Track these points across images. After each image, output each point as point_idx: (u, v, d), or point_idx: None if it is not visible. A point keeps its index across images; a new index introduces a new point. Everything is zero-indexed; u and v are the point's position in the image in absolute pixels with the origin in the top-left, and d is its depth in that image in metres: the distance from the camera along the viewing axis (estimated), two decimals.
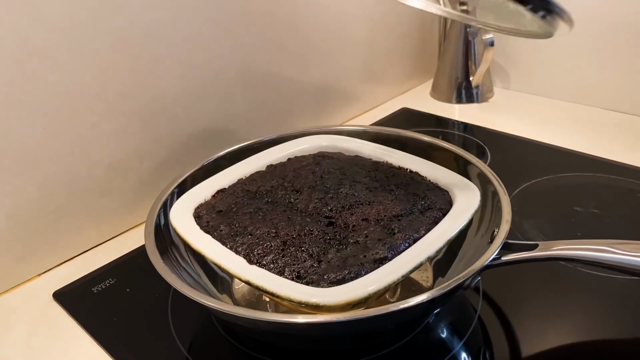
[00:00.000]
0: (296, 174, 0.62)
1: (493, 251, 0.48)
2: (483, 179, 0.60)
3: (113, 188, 0.71)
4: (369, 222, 0.53)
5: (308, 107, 0.93)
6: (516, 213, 0.70)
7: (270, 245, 0.51)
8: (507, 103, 1.05)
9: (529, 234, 0.67)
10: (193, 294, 0.46)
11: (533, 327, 0.55)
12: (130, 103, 0.69)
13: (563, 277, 0.60)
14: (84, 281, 0.65)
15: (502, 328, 0.55)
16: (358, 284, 0.46)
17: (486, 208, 0.58)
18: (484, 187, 0.60)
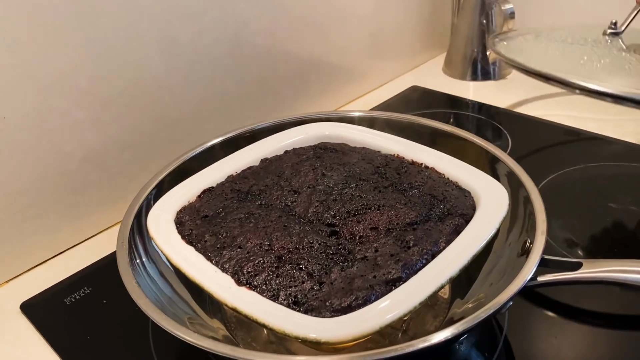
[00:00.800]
0: (294, 170, 0.54)
1: (529, 271, 0.41)
2: (511, 177, 0.52)
3: (89, 182, 0.63)
4: (379, 231, 0.45)
5: (308, 88, 0.84)
6: None
7: (262, 261, 0.43)
8: (527, 80, 0.95)
9: (559, 237, 0.59)
10: (168, 325, 0.39)
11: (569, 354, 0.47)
12: (105, 87, 0.61)
13: (608, 295, 0.52)
14: (55, 290, 0.58)
15: (532, 351, 0.48)
16: (367, 314, 0.38)
17: (515, 211, 0.50)
18: (510, 186, 0.52)
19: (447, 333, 0.36)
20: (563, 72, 0.58)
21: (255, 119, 0.77)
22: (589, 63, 0.62)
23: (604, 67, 0.60)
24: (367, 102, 0.92)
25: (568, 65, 0.62)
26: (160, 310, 0.41)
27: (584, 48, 0.65)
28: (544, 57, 0.63)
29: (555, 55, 0.64)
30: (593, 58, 0.63)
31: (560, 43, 0.67)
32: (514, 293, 0.39)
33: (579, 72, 0.59)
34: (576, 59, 0.63)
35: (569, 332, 0.49)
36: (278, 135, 0.60)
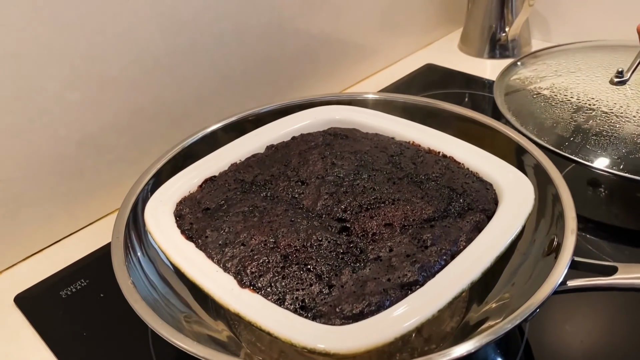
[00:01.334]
0: (302, 158, 0.50)
1: (559, 275, 0.37)
2: (538, 169, 0.48)
3: (86, 168, 0.60)
4: (394, 228, 0.42)
5: (317, 66, 0.80)
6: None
7: (267, 260, 0.40)
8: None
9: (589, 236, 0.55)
10: (165, 331, 0.36)
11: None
12: (101, 67, 0.57)
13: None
14: (51, 282, 0.55)
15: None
16: (381, 322, 0.35)
17: (542, 205, 0.46)
18: (537, 178, 0.48)
19: (469, 346, 0.33)
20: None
21: (260, 100, 0.73)
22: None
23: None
24: (379, 80, 0.87)
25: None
26: (156, 311, 0.38)
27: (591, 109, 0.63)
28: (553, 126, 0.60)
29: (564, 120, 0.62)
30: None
31: (568, 104, 0.64)
32: (542, 300, 0.36)
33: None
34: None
35: (597, 336, 0.46)
36: (285, 120, 0.56)
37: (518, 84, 0.71)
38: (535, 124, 0.62)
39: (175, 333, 0.36)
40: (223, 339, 0.45)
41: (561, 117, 0.63)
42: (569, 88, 0.67)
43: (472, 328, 0.45)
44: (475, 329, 0.44)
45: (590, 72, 0.70)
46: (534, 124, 0.62)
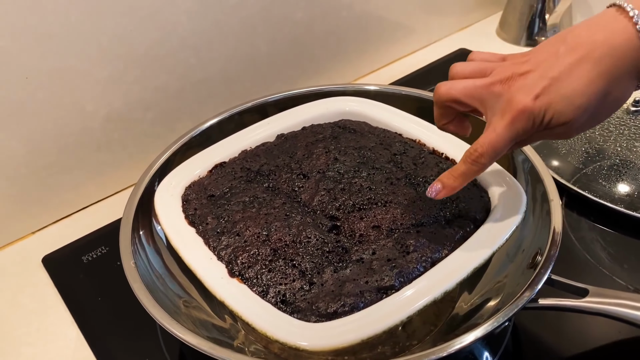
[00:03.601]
0: (307, 151, 0.52)
1: (531, 292, 0.38)
2: (533, 175, 0.49)
3: (112, 141, 0.64)
4: (381, 231, 0.44)
5: (345, 48, 0.80)
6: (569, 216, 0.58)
7: (257, 252, 0.43)
8: None
9: (590, 246, 0.55)
10: (166, 322, 0.39)
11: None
12: (128, 47, 0.60)
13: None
14: (75, 247, 0.60)
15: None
16: (352, 324, 0.37)
17: (532, 214, 0.47)
18: (532, 185, 0.49)
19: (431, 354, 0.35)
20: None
21: (286, 82, 0.75)
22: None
23: None
24: (408, 64, 0.87)
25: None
26: (154, 293, 0.42)
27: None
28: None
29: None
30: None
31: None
32: (509, 317, 0.38)
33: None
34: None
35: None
36: (298, 109, 0.58)
37: None
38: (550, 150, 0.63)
39: (165, 315, 0.39)
40: (222, 324, 0.48)
41: (573, 147, 0.63)
42: None
43: (453, 328, 0.47)
44: (455, 329, 0.46)
45: None
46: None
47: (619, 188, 0.58)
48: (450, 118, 0.42)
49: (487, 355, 0.48)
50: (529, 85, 0.36)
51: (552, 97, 0.35)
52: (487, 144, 0.38)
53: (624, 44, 0.35)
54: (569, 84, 0.35)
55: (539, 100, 0.36)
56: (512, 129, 0.37)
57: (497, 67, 0.39)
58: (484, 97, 0.38)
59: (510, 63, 0.39)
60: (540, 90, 0.36)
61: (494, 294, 0.46)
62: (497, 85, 0.38)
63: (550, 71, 0.36)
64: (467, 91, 0.39)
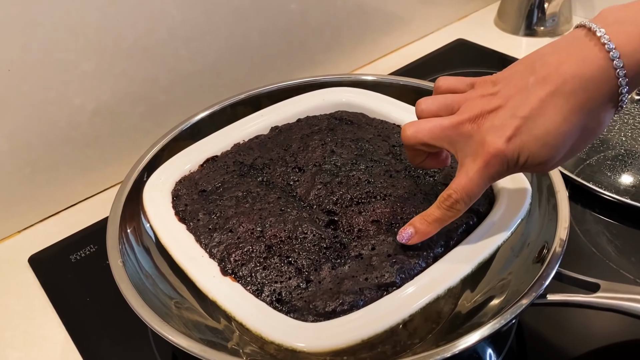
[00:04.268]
0: (303, 143, 0.50)
1: (538, 289, 0.37)
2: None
3: (101, 136, 0.62)
4: (380, 226, 0.42)
5: (340, 39, 0.78)
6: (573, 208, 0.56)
7: (251, 250, 0.41)
8: None
9: (595, 239, 0.53)
10: (156, 324, 0.37)
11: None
12: (115, 38, 0.57)
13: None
14: (62, 245, 0.58)
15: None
16: (351, 323, 0.35)
17: (538, 206, 0.45)
18: (537, 178, 0.47)
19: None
20: None
21: (280, 74, 0.73)
22: None
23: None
24: (405, 55, 0.85)
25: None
26: (143, 293, 0.40)
27: None
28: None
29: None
30: None
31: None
32: (517, 314, 0.36)
33: None
34: None
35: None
36: (293, 100, 0.56)
37: None
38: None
39: (154, 316, 0.37)
40: (216, 325, 0.46)
41: None
42: None
43: (456, 326, 0.45)
44: (458, 328, 0.44)
45: None
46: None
47: (624, 179, 0.57)
48: (423, 156, 0.41)
49: (491, 354, 0.47)
50: (500, 125, 0.34)
51: (525, 138, 0.33)
52: (461, 190, 0.36)
53: (596, 75, 0.32)
54: (542, 123, 0.33)
55: (512, 142, 0.34)
56: (485, 172, 0.35)
57: (464, 99, 0.37)
58: (452, 139, 0.36)
59: (478, 94, 0.36)
60: (512, 131, 0.33)
61: (498, 290, 0.44)
62: (466, 125, 0.35)
63: (521, 109, 0.34)
64: (434, 134, 0.37)
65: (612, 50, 0.32)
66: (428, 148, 0.39)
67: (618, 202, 0.54)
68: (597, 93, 0.33)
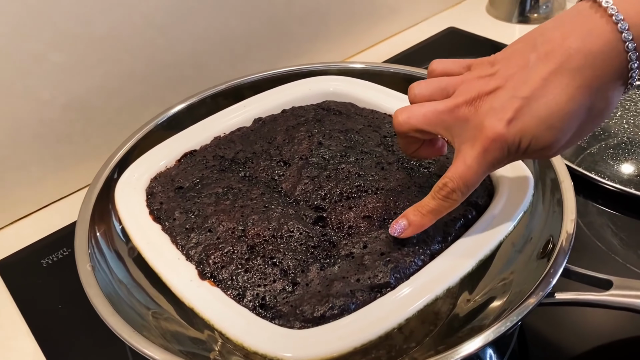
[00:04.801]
0: (288, 135, 0.47)
1: (547, 286, 0.33)
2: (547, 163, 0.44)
3: (74, 132, 0.58)
4: (372, 222, 0.39)
5: (327, 28, 0.75)
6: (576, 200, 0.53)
7: (232, 250, 0.37)
8: None
9: (600, 232, 0.50)
10: (127, 334, 0.34)
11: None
12: (86, 26, 0.54)
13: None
14: (34, 249, 0.55)
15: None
16: (342, 329, 0.32)
17: (541, 198, 0.42)
18: (540, 169, 0.44)
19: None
20: None
21: (264, 64, 0.69)
22: None
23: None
24: (394, 44, 0.82)
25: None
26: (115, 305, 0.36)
27: None
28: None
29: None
30: None
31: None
32: (524, 312, 0.33)
33: None
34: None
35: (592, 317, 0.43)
36: (277, 90, 0.53)
37: None
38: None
39: (126, 326, 0.34)
40: (198, 335, 0.42)
41: None
42: None
43: (454, 330, 0.42)
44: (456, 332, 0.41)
45: None
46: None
47: (627, 168, 0.54)
48: (417, 145, 0.38)
49: (491, 355, 0.44)
50: (499, 107, 0.31)
51: (527, 121, 0.31)
52: (458, 178, 0.33)
53: (603, 49, 0.29)
54: (545, 103, 0.30)
55: (513, 125, 0.31)
56: (484, 159, 0.32)
57: (460, 82, 0.34)
58: (448, 124, 0.33)
59: (475, 75, 0.34)
60: (513, 113, 0.31)
61: (499, 290, 0.41)
62: (463, 108, 0.33)
63: (522, 89, 0.31)
64: (428, 119, 0.34)
65: (620, 21, 0.29)
66: (422, 135, 0.36)
67: (622, 192, 0.51)
68: (604, 69, 0.30)
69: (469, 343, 0.32)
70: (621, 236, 0.49)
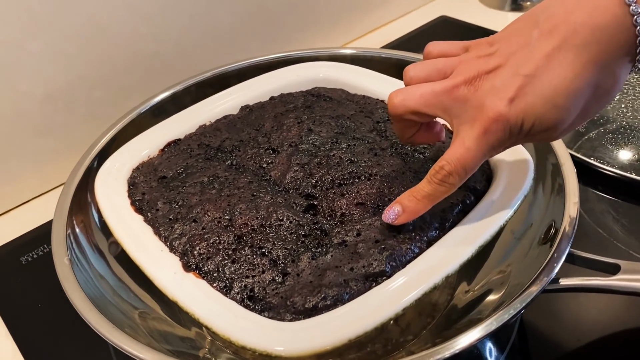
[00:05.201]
0: (276, 122, 0.45)
1: (551, 272, 0.32)
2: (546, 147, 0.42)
3: (54, 125, 0.56)
4: (366, 208, 0.37)
5: (317, 17, 0.73)
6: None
7: (218, 241, 0.35)
8: None
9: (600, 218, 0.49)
10: (108, 333, 0.32)
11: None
12: (65, 13, 0.52)
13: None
14: (12, 246, 0.52)
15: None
16: (336, 321, 0.30)
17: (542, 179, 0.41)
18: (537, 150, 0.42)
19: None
20: None
21: (251, 53, 0.67)
22: None
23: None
24: (386, 34, 0.80)
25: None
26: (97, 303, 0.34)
27: None
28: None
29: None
30: None
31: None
32: (528, 300, 0.31)
33: None
34: None
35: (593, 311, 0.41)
36: (265, 77, 0.51)
37: None
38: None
39: (105, 322, 0.32)
40: (186, 334, 0.40)
41: None
42: None
43: (452, 321, 0.40)
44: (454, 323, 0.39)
45: None
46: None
47: (627, 153, 0.52)
48: (414, 130, 0.36)
49: (491, 349, 0.42)
50: (501, 86, 0.30)
51: (530, 100, 0.29)
52: (456, 161, 0.31)
53: (610, 23, 0.28)
54: (549, 81, 0.29)
55: (515, 105, 0.29)
56: (485, 141, 0.31)
57: (458, 62, 0.33)
58: (446, 105, 0.32)
59: (474, 56, 0.32)
60: (515, 92, 0.29)
61: (498, 279, 0.39)
62: (462, 88, 0.31)
63: (525, 66, 0.29)
64: (425, 100, 0.32)
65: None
66: (419, 118, 0.34)
67: (622, 177, 0.49)
68: (611, 44, 0.28)
69: (468, 334, 0.30)
70: (622, 222, 0.48)
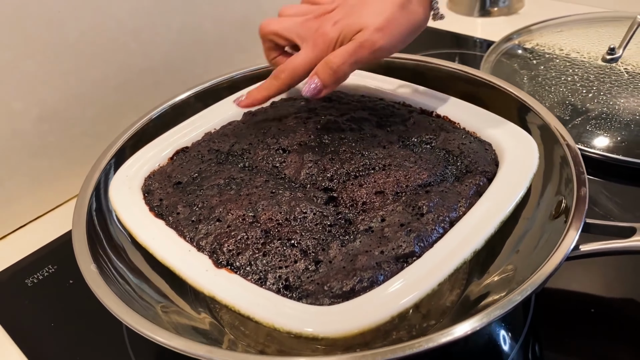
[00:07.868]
0: (282, 125, 0.46)
1: (571, 239, 0.33)
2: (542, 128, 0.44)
3: (48, 145, 0.55)
4: (386, 196, 0.38)
5: None
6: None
7: (246, 236, 0.36)
8: (541, 15, 0.86)
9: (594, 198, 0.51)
10: (142, 327, 0.31)
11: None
12: (57, 32, 0.52)
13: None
14: (15, 270, 0.51)
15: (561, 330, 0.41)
16: (375, 300, 0.31)
17: (547, 165, 0.43)
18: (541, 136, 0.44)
19: (473, 324, 0.29)
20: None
21: (239, 66, 0.68)
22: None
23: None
24: None
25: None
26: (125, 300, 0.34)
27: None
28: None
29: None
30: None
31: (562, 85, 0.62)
32: (554, 268, 0.32)
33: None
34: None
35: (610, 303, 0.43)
36: None
37: (508, 68, 0.67)
38: None
39: (143, 321, 0.32)
40: (205, 327, 0.41)
41: (556, 100, 0.60)
42: (564, 69, 0.64)
43: (473, 302, 0.41)
44: (477, 303, 0.40)
45: (584, 50, 0.67)
46: None
47: (612, 136, 0.55)
48: (277, 52, 0.46)
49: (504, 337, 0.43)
50: (333, 15, 0.41)
51: (351, 20, 0.40)
52: (289, 62, 0.42)
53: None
54: (366, 6, 0.40)
55: (338, 24, 0.40)
56: (313, 51, 0.41)
57: (320, 8, 0.43)
58: (299, 31, 0.43)
59: (331, 3, 0.43)
60: (341, 16, 0.41)
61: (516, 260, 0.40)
62: (312, 21, 0.43)
63: (350, 6, 0.41)
64: (285, 25, 0.44)
65: None
66: (280, 39, 0.44)
67: (611, 160, 0.52)
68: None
69: (490, 309, 0.30)
70: (616, 200, 0.50)
